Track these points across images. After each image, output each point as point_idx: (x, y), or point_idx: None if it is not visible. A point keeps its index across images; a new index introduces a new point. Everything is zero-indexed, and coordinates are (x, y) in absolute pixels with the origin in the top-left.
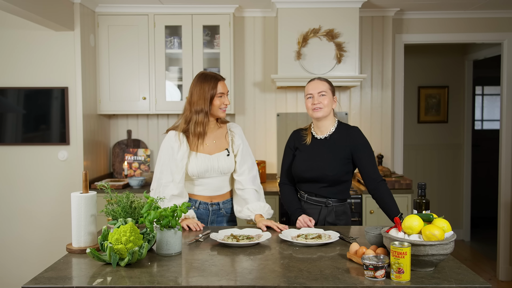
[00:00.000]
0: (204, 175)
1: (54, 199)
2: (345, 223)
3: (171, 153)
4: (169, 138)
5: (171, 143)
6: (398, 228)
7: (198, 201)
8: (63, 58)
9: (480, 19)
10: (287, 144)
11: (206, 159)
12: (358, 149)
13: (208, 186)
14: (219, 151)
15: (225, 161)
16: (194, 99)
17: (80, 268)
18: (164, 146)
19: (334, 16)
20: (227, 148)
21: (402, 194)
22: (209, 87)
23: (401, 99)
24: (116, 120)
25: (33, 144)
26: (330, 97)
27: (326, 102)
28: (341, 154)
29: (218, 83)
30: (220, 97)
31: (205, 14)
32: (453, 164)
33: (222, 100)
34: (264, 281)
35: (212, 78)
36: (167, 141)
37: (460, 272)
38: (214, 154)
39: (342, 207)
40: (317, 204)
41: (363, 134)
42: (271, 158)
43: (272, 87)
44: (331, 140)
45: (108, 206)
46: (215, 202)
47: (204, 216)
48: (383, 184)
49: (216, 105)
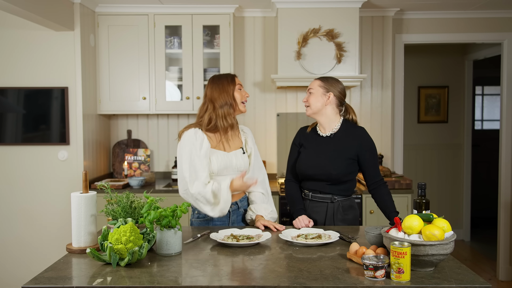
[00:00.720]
0: (222, 172)
1: (54, 199)
2: (353, 217)
3: (194, 149)
4: (189, 136)
5: (192, 141)
6: (398, 228)
7: None
8: (63, 58)
9: (480, 19)
10: (293, 141)
11: (224, 156)
12: (365, 151)
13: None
14: (235, 149)
15: (242, 159)
16: (215, 96)
17: (80, 268)
18: (185, 144)
19: (334, 16)
20: (241, 147)
21: (402, 194)
22: (227, 81)
23: (401, 99)
24: (116, 120)
25: (33, 144)
26: (319, 94)
27: (311, 100)
28: (347, 154)
29: (234, 77)
30: (239, 89)
31: (205, 14)
32: (453, 164)
33: (242, 93)
34: (264, 281)
35: (227, 74)
36: (188, 140)
37: (460, 272)
38: (231, 151)
39: (348, 201)
40: (322, 201)
41: (369, 135)
42: (271, 158)
43: (272, 87)
44: (336, 139)
45: (108, 206)
46: (233, 202)
47: (224, 218)
48: (384, 185)
49: (238, 99)
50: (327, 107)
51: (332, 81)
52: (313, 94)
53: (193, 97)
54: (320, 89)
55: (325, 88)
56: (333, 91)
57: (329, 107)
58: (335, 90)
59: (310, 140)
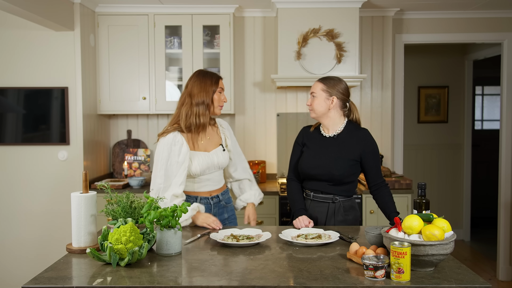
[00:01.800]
0: (205, 172)
1: (54, 199)
2: (353, 217)
3: (171, 156)
4: (167, 141)
5: (170, 146)
6: (398, 228)
7: (199, 197)
8: (63, 58)
9: (480, 19)
10: (296, 140)
11: (205, 156)
12: (368, 153)
13: (208, 182)
14: (215, 147)
15: (223, 156)
16: (195, 92)
17: (80, 268)
18: (162, 150)
19: (334, 16)
20: (221, 144)
21: (402, 194)
22: (211, 81)
23: (401, 99)
24: (116, 120)
25: (33, 144)
26: (322, 98)
27: (314, 103)
28: (350, 155)
29: (219, 79)
30: (220, 93)
31: (205, 14)
32: (453, 164)
33: (221, 96)
34: (264, 281)
35: (213, 74)
36: (166, 145)
37: (460, 272)
38: (212, 150)
39: (349, 202)
40: (324, 201)
41: (373, 138)
42: (271, 158)
43: (272, 87)
44: (339, 139)
45: (108, 206)
46: (214, 195)
47: (206, 211)
48: (385, 187)
49: (216, 101)
50: (331, 111)
51: (335, 83)
52: (316, 98)
53: None
54: (323, 94)
55: (328, 92)
56: (336, 94)
57: (333, 110)
58: (338, 93)
59: (313, 140)
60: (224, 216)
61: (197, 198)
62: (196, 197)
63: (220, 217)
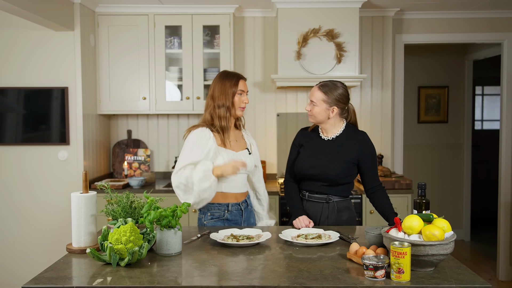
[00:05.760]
0: None
1: (54, 199)
2: (348, 217)
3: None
4: (196, 132)
5: (199, 136)
6: (398, 228)
7: (230, 204)
8: (63, 58)
9: (480, 19)
10: (293, 141)
11: (233, 155)
12: (365, 156)
13: (235, 183)
14: (241, 149)
15: (249, 159)
16: (216, 94)
17: (80, 268)
18: (191, 139)
19: (334, 16)
20: (247, 148)
21: (402, 194)
22: (231, 83)
23: (401, 99)
24: (116, 120)
25: (33, 144)
26: (322, 108)
27: (314, 111)
28: (347, 157)
29: (240, 81)
30: (240, 94)
31: (205, 14)
32: (453, 164)
33: (242, 98)
34: (264, 281)
35: (234, 75)
36: (194, 134)
37: (460, 272)
38: (239, 151)
39: (344, 202)
40: (318, 201)
41: (371, 141)
42: (271, 158)
43: (272, 87)
44: (337, 141)
45: (108, 206)
46: (242, 200)
47: (237, 217)
48: (382, 190)
49: (236, 103)
50: (330, 119)
51: (335, 91)
52: (317, 107)
53: (193, 97)
54: (323, 104)
55: (328, 103)
56: (337, 104)
57: (332, 118)
58: (339, 102)
59: (310, 140)
60: (251, 221)
61: (228, 205)
62: (228, 204)
63: (248, 222)
